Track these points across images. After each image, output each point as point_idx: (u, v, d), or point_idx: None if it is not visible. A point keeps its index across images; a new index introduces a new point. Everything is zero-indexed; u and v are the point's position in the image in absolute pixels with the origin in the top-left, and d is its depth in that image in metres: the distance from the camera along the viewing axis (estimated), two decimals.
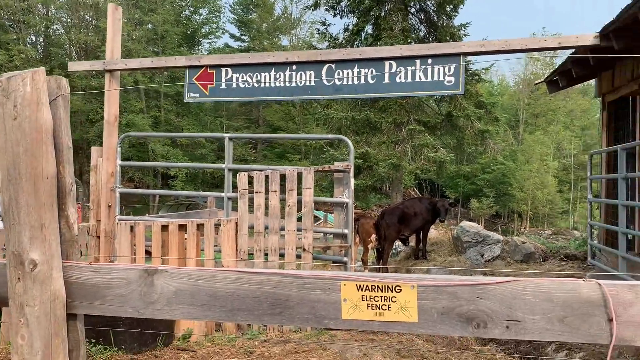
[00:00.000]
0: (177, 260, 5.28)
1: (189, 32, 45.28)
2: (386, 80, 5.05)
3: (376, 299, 1.60)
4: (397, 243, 10.34)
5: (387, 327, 1.60)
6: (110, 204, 5.75)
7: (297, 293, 1.69)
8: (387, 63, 5.06)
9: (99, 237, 5.77)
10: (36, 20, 41.31)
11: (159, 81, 39.52)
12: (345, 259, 5.18)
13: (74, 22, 42.03)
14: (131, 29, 39.18)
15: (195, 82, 5.44)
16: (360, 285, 1.62)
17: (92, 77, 37.92)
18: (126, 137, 6.02)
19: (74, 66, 5.87)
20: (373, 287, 1.61)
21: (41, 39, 45.40)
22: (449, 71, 4.91)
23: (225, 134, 5.55)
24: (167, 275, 1.79)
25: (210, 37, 47.98)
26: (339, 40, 16.40)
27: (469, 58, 4.96)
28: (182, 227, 5.36)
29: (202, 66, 5.45)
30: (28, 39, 43.33)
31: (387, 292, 1.59)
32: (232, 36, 54.93)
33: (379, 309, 1.59)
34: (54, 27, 45.36)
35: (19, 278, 1.78)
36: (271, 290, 1.70)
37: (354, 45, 14.66)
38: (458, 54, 4.90)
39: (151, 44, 40.62)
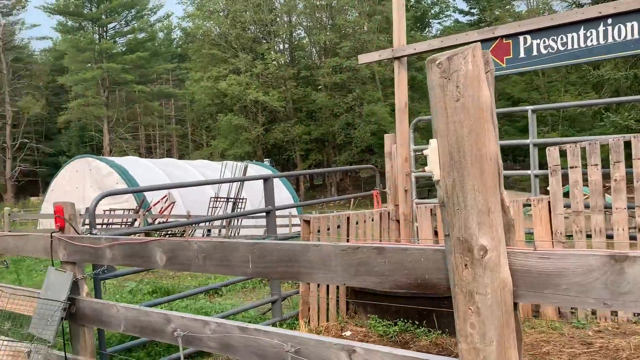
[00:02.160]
0: None
1: (418, 15, 45.28)
2: None
3: None
4: None
5: None
6: (406, 189, 5.86)
7: None
8: None
9: (398, 221, 5.93)
10: (284, 29, 45.90)
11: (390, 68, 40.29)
12: None
13: (313, 24, 45.52)
14: (364, 22, 40.81)
15: (490, 55, 5.15)
16: None
17: (334, 73, 40.54)
18: (418, 122, 6.07)
19: (363, 58, 6.13)
20: None
21: (287, 45, 50.39)
22: None
23: (528, 107, 5.17)
24: None
25: (440, 17, 47.23)
26: None
27: None
28: None
29: (495, 38, 5.13)
30: (275, 47, 48.39)
31: None
32: (461, 11, 53.30)
33: None
34: (296, 32, 49.87)
35: (465, 265, 1.72)
36: None
37: None
38: None
39: (384, 32, 41.73)
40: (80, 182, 20.09)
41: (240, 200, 19.58)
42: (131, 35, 52.53)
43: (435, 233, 5.54)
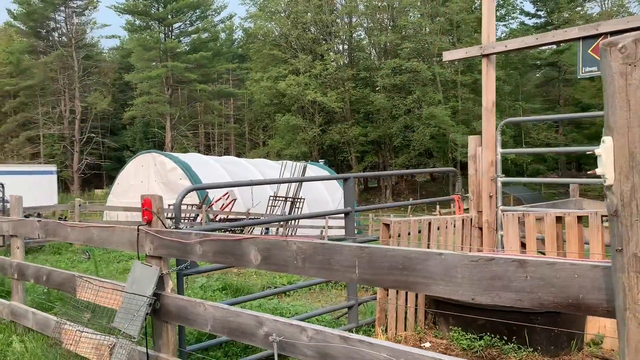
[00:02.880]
0: (577, 256, 4.70)
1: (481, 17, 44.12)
2: None
3: None
4: None
5: None
6: (491, 194, 5.53)
7: None
8: None
9: (480, 229, 5.61)
10: (344, 29, 45.77)
11: (452, 69, 39.30)
12: None
13: (374, 25, 45.15)
14: (426, 23, 40.08)
15: (592, 54, 4.77)
16: None
17: (394, 74, 39.90)
18: (507, 124, 5.73)
19: (449, 55, 5.84)
20: None
21: (346, 46, 50.23)
22: None
23: None
24: None
25: (506, 19, 45.82)
26: None
27: None
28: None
29: (598, 35, 4.74)
30: (335, 48, 48.31)
31: None
32: (527, 14, 51.55)
33: None
34: (356, 33, 49.62)
35: None
36: None
37: None
38: None
39: (446, 34, 40.90)
40: (145, 177, 20.64)
41: (299, 200, 19.56)
42: (195, 35, 53.84)
43: (522, 245, 5.19)
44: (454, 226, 5.37)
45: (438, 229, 5.19)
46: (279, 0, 46.56)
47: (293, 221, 19.04)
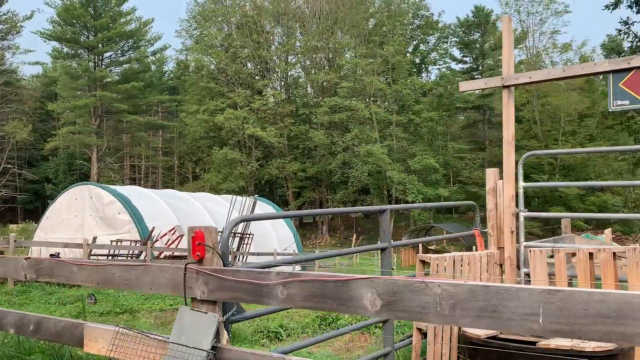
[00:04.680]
0: None
1: (416, 61, 45.90)
2: None
3: None
4: None
5: None
6: (513, 230, 5.32)
7: None
8: None
9: (500, 265, 5.36)
10: (282, 66, 45.99)
11: (386, 109, 40.26)
12: None
13: (311, 64, 45.70)
14: (365, 63, 40.99)
15: (623, 87, 4.74)
16: None
17: (333, 112, 40.24)
18: (529, 157, 5.58)
19: (465, 86, 5.67)
20: None
21: (282, 83, 50.40)
22: None
23: None
24: None
25: (438, 64, 47.97)
26: None
27: None
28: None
29: (631, 69, 4.73)
30: (272, 84, 48.34)
31: None
32: (454, 59, 54.31)
33: None
34: (294, 70, 49.97)
35: None
36: None
37: None
38: None
39: (382, 75, 42.02)
40: (79, 211, 19.13)
41: (247, 236, 18.84)
42: (127, 65, 52.09)
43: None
44: (481, 263, 5.09)
45: (469, 264, 4.89)
46: (217, 34, 46.21)
47: (242, 257, 18.35)
